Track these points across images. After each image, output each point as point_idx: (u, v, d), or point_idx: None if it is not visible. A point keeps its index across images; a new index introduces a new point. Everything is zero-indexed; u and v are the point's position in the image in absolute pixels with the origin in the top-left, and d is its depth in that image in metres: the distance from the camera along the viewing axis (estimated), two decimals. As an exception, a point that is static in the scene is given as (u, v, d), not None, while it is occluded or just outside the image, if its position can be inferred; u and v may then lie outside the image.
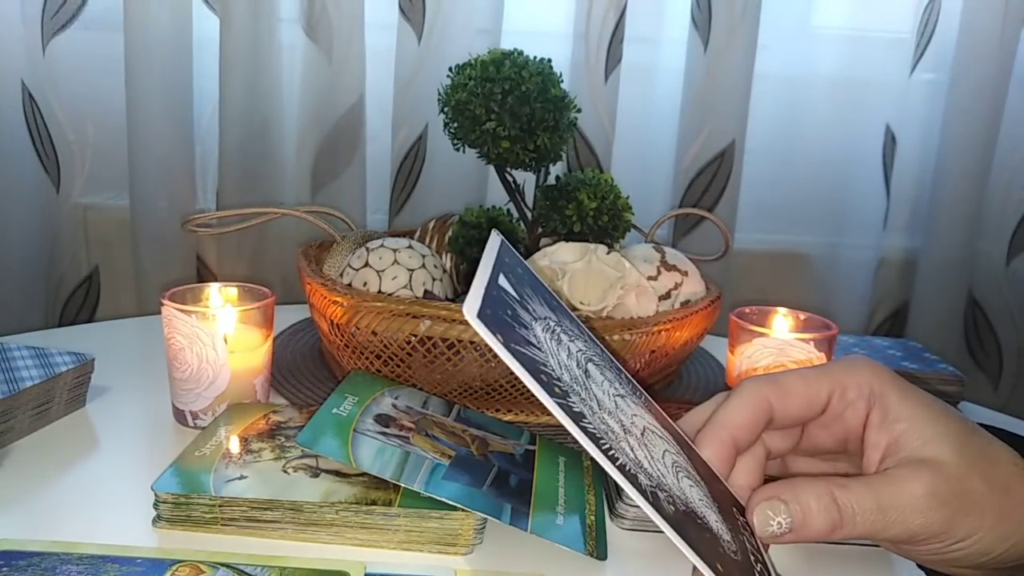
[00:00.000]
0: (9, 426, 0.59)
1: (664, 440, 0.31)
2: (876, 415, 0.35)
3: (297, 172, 1.20)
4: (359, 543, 0.49)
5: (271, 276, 1.21)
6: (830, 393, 0.36)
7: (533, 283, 0.31)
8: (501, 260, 0.30)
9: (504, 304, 0.27)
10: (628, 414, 0.30)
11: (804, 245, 1.30)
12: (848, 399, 0.35)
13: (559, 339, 0.29)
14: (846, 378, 0.36)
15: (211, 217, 0.88)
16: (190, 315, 0.61)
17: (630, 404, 0.31)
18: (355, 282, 0.70)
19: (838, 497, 0.32)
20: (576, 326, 0.32)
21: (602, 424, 0.27)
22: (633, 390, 0.33)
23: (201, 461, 0.53)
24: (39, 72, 1.14)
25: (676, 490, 0.29)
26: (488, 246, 0.30)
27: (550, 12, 1.21)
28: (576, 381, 0.28)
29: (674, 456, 0.31)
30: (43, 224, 1.19)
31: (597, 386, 0.29)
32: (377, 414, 0.57)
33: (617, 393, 0.31)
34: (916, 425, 0.34)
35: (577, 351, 0.30)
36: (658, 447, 0.30)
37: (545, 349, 0.28)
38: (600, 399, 0.29)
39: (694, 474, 0.32)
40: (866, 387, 0.35)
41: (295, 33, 1.14)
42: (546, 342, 0.28)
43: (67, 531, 0.49)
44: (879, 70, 1.22)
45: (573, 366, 0.29)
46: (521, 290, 0.30)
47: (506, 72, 0.69)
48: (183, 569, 0.45)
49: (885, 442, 0.34)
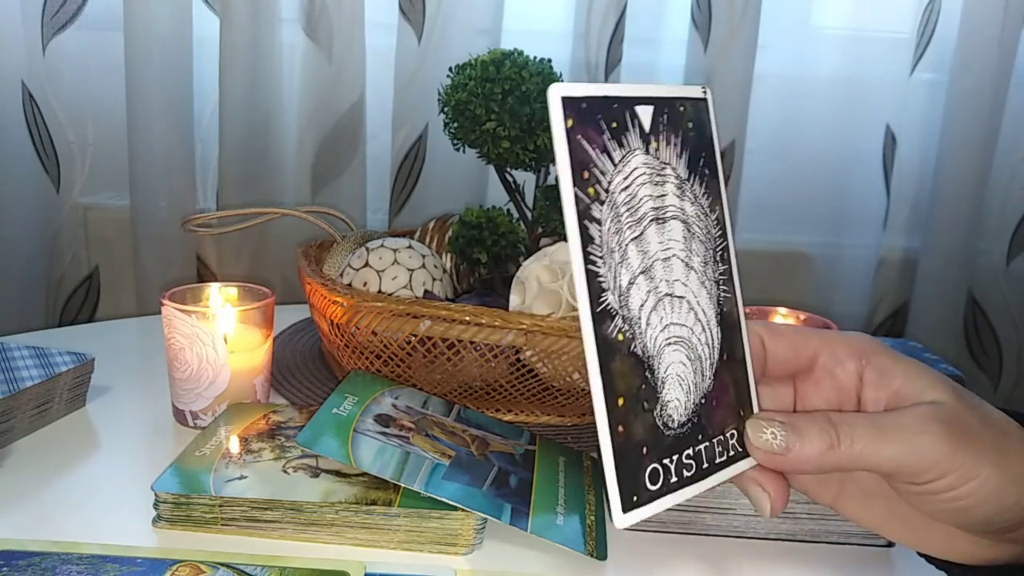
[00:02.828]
0: (9, 426, 0.59)
1: (698, 324, 0.32)
2: (871, 373, 0.35)
3: (297, 172, 1.20)
4: (359, 543, 0.49)
5: (271, 276, 1.21)
6: (817, 348, 0.36)
7: (696, 139, 0.31)
8: (675, 102, 0.30)
9: (616, 115, 0.28)
10: (673, 276, 0.31)
11: (804, 244, 1.30)
12: (838, 357, 0.36)
13: (660, 182, 0.30)
14: (836, 338, 0.37)
15: (211, 217, 0.89)
16: (190, 315, 0.61)
17: (692, 280, 0.32)
18: (355, 282, 0.70)
19: (833, 417, 0.33)
20: (710, 202, 0.32)
21: (615, 244, 0.28)
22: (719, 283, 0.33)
23: (201, 461, 0.53)
24: (39, 72, 1.14)
25: (647, 341, 0.30)
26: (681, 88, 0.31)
27: (550, 12, 1.20)
28: (631, 208, 0.29)
29: (689, 337, 0.31)
30: (43, 224, 1.19)
31: (661, 235, 0.30)
32: (377, 414, 0.57)
33: (685, 262, 0.31)
34: (911, 380, 0.34)
35: (673, 205, 0.31)
36: (674, 315, 0.31)
37: (620, 168, 0.28)
38: (647, 239, 0.29)
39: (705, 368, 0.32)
40: (856, 348, 0.36)
41: (295, 33, 1.14)
42: (631, 169, 0.29)
43: (67, 531, 0.49)
44: (879, 70, 1.22)
45: (646, 204, 0.29)
46: (665, 130, 0.30)
47: (506, 72, 0.69)
48: (183, 569, 0.45)
49: (884, 397, 0.35)
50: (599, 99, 0.27)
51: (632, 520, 0.30)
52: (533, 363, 0.65)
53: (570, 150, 0.27)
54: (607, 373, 0.28)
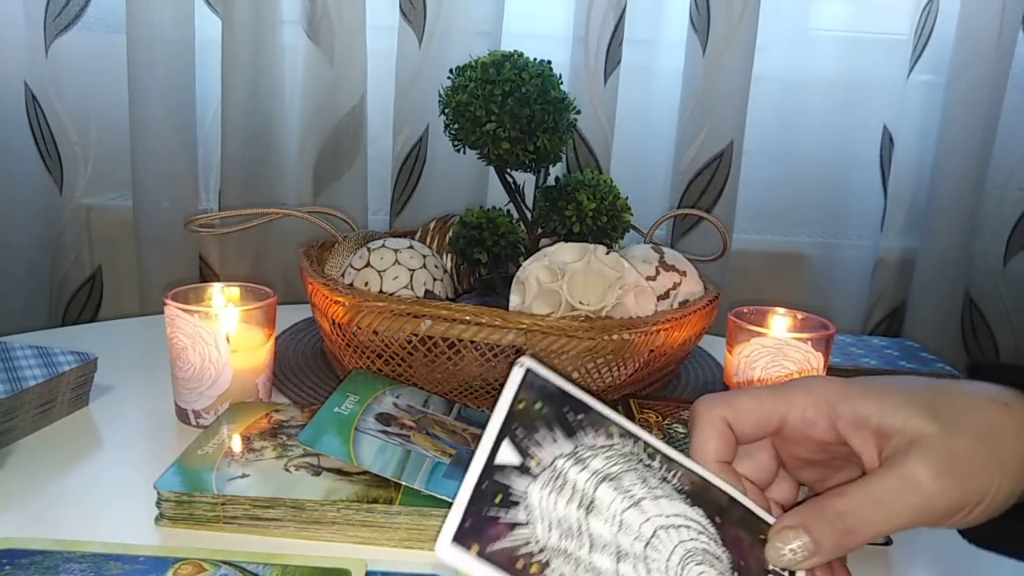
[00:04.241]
0: (12, 425, 0.59)
1: (682, 529, 0.32)
2: (844, 425, 0.35)
3: (299, 173, 1.20)
4: (360, 541, 0.50)
5: (273, 276, 1.21)
6: (783, 413, 0.36)
7: (553, 409, 0.31)
8: (510, 415, 0.30)
9: (493, 492, 0.28)
10: (636, 526, 0.31)
11: (802, 245, 1.30)
12: (807, 418, 0.36)
13: (563, 481, 0.30)
14: (799, 396, 0.36)
15: (213, 217, 0.89)
16: (193, 315, 0.62)
17: (649, 507, 0.32)
18: (356, 282, 0.71)
19: (837, 506, 0.33)
20: (604, 433, 0.33)
21: (584, 573, 0.28)
22: (666, 477, 0.34)
23: (203, 460, 0.53)
24: (42, 73, 1.15)
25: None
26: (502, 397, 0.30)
27: (550, 14, 1.21)
28: (567, 533, 0.29)
29: (685, 548, 0.32)
30: (46, 224, 1.20)
31: (600, 516, 0.30)
32: (378, 413, 0.57)
33: (632, 503, 0.32)
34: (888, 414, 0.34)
35: (587, 479, 0.31)
36: (664, 551, 0.31)
37: (535, 517, 0.28)
38: (597, 535, 0.30)
39: (714, 548, 0.33)
40: (822, 402, 0.35)
41: (297, 35, 1.15)
42: (538, 504, 0.29)
43: (70, 529, 0.50)
44: (877, 71, 1.22)
45: (572, 511, 0.30)
46: (528, 439, 0.30)
47: (506, 74, 0.70)
48: (185, 567, 0.45)
49: (871, 439, 0.34)
50: (472, 503, 0.27)
51: None
52: (532, 363, 0.65)
53: (496, 568, 0.26)
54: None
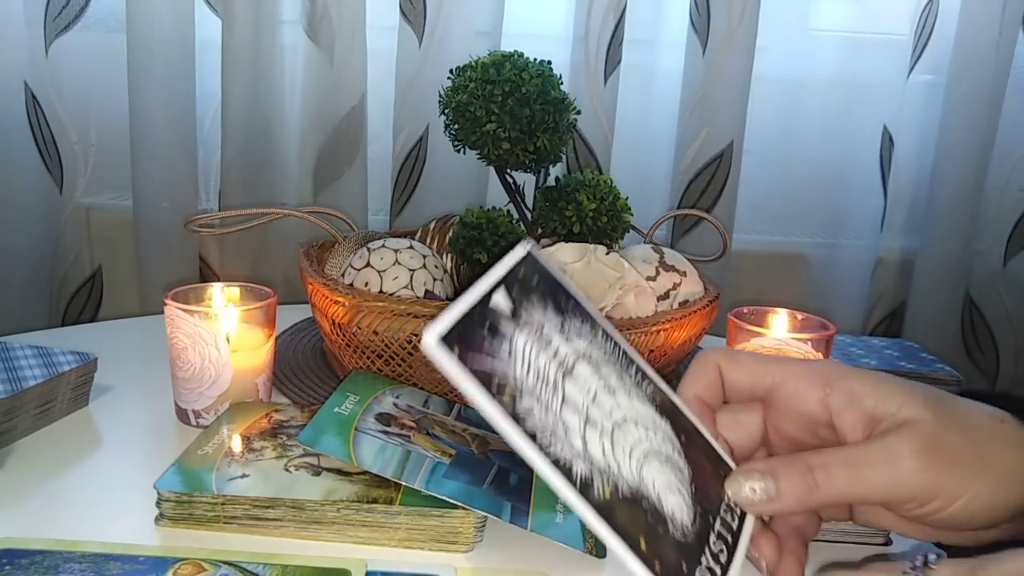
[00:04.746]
0: (12, 425, 0.59)
1: (650, 430, 0.33)
2: (837, 400, 0.35)
3: (299, 173, 1.20)
4: (360, 541, 0.50)
5: (273, 276, 1.21)
6: (776, 379, 0.36)
7: (547, 288, 0.32)
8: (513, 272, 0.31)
9: (482, 320, 0.29)
10: (607, 408, 0.32)
11: (802, 245, 1.30)
12: (799, 389, 0.36)
13: (547, 342, 0.31)
14: (798, 368, 0.36)
15: (213, 217, 0.89)
16: (193, 315, 0.62)
17: (621, 398, 0.33)
18: (356, 282, 0.71)
19: (811, 460, 0.33)
20: (590, 326, 0.33)
21: (552, 421, 0.29)
22: (640, 383, 0.34)
23: (203, 460, 0.53)
24: (42, 73, 1.15)
25: (626, 476, 0.30)
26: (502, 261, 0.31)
27: (550, 14, 1.21)
28: (543, 383, 0.30)
29: (651, 445, 0.32)
30: (46, 224, 1.20)
31: (576, 383, 0.31)
32: (378, 413, 0.57)
33: (606, 388, 0.32)
34: (885, 398, 0.34)
35: (569, 352, 0.31)
36: (630, 438, 0.32)
37: (516, 356, 0.29)
38: (570, 396, 0.30)
39: (676, 459, 0.33)
40: (819, 377, 0.36)
41: (297, 35, 1.15)
42: (521, 349, 0.29)
43: (70, 529, 0.50)
44: (877, 72, 1.22)
45: (551, 368, 0.30)
46: (522, 298, 0.31)
47: (506, 74, 0.70)
48: (185, 567, 0.45)
49: (860, 421, 0.34)
50: (464, 318, 0.28)
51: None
52: (532, 363, 0.65)
53: (472, 375, 0.27)
54: (619, 529, 0.29)
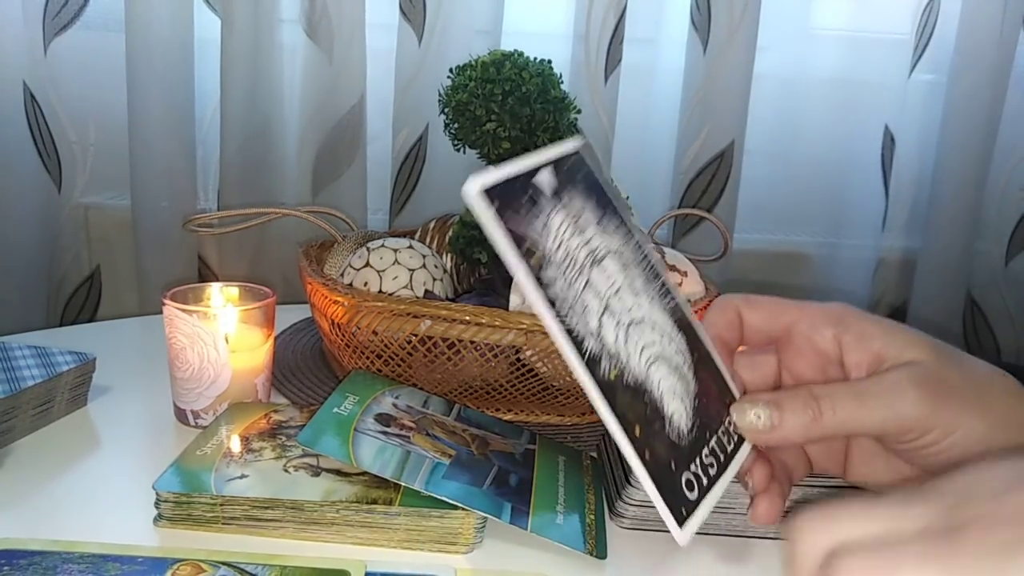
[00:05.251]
0: (10, 425, 0.59)
1: (664, 338, 0.34)
2: (849, 337, 0.36)
3: (298, 172, 1.20)
4: (360, 542, 0.50)
5: (272, 276, 1.21)
6: (794, 316, 0.38)
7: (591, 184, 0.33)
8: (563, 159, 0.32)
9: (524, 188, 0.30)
10: (627, 305, 0.33)
11: (803, 245, 1.30)
12: (815, 324, 0.37)
13: (581, 230, 0.32)
14: (814, 307, 0.38)
15: (212, 217, 0.89)
16: (191, 315, 0.61)
17: (643, 301, 0.34)
18: (356, 282, 0.70)
19: (814, 390, 0.34)
20: (625, 232, 0.34)
21: (573, 296, 0.30)
22: (663, 296, 0.35)
23: (202, 460, 0.53)
24: (41, 72, 1.15)
25: (634, 368, 0.31)
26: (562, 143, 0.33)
27: (550, 13, 1.21)
28: (571, 262, 0.31)
29: (662, 351, 0.33)
30: (44, 224, 1.19)
31: (603, 273, 0.32)
32: (378, 413, 0.57)
33: (630, 288, 0.33)
34: (891, 339, 0.35)
35: (601, 245, 0.32)
36: (644, 338, 0.33)
37: (549, 231, 0.30)
38: (595, 282, 0.31)
39: (685, 372, 0.34)
40: (834, 315, 0.37)
41: (296, 34, 1.15)
42: (556, 226, 0.30)
43: (68, 530, 0.49)
44: (878, 71, 1.22)
45: (581, 252, 0.31)
46: (567, 183, 0.32)
47: (506, 73, 0.69)
48: (184, 568, 0.45)
49: (866, 361, 0.36)
50: (509, 180, 0.29)
51: (690, 533, 0.31)
52: (533, 363, 0.65)
53: (506, 231, 0.28)
54: (617, 411, 0.30)
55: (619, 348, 0.31)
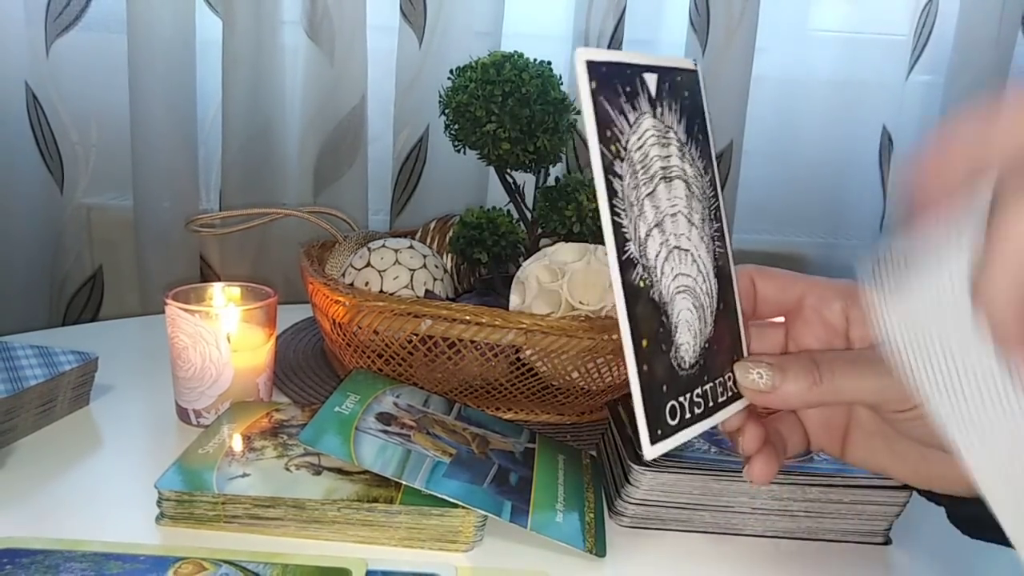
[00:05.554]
0: (13, 424, 0.59)
1: (700, 276, 0.34)
2: (855, 312, 0.37)
3: (299, 173, 1.20)
4: (361, 540, 0.50)
5: (274, 276, 1.21)
6: (805, 289, 0.39)
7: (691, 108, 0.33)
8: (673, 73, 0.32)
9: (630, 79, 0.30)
10: (680, 230, 0.33)
11: (801, 246, 1.30)
12: (825, 298, 0.38)
13: (665, 144, 0.32)
14: (823, 282, 0.39)
15: (214, 217, 0.89)
16: (194, 314, 0.62)
17: (695, 234, 0.34)
18: (357, 282, 0.71)
19: (816, 356, 0.35)
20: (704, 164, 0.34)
21: (634, 198, 0.30)
22: (715, 239, 0.35)
23: (204, 459, 0.53)
24: (43, 73, 1.15)
25: (662, 288, 0.32)
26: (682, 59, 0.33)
27: (550, 15, 1.21)
28: (644, 167, 0.31)
29: (695, 286, 0.34)
30: (47, 224, 1.20)
31: (669, 191, 0.32)
32: (379, 412, 0.58)
33: (688, 218, 0.33)
34: None
35: (677, 165, 0.32)
36: (682, 266, 0.33)
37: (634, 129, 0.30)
38: (659, 196, 0.31)
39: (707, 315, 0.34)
40: (842, 290, 0.38)
41: (297, 35, 1.15)
42: (644, 128, 0.31)
43: (71, 529, 0.50)
44: (876, 72, 1.22)
45: (656, 164, 0.31)
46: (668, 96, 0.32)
47: (506, 74, 0.70)
48: (186, 566, 0.46)
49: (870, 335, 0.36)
50: (616, 64, 0.29)
51: (659, 451, 0.32)
52: (533, 362, 0.65)
53: (595, 110, 0.28)
54: (633, 317, 0.30)
55: (657, 264, 0.31)
